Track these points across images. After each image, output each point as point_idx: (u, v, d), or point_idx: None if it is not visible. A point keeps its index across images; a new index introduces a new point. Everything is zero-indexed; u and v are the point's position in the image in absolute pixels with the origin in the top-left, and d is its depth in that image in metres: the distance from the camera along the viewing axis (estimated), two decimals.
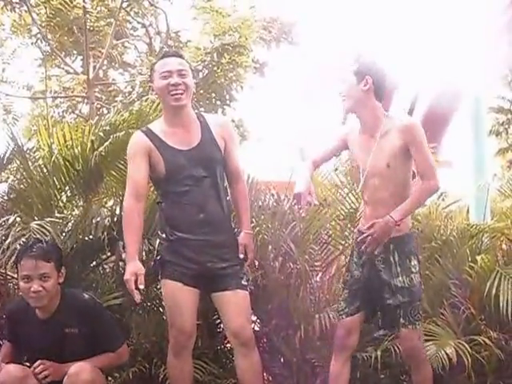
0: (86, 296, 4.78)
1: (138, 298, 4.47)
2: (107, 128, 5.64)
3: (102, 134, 5.58)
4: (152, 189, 5.14)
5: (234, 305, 4.66)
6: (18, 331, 4.75)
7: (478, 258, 5.38)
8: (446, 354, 4.85)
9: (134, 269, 4.49)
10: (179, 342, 4.67)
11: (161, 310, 5.67)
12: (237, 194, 4.89)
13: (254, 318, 5.49)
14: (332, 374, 4.77)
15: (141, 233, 4.68)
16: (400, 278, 4.57)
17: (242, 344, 4.71)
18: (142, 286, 4.51)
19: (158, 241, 4.88)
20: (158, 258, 4.73)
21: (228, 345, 5.70)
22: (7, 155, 5.89)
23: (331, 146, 4.96)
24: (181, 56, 4.84)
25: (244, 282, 4.69)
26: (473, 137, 13.20)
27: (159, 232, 4.82)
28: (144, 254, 5.43)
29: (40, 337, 4.61)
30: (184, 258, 4.63)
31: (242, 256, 4.69)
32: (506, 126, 27.11)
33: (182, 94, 4.62)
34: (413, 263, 4.62)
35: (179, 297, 4.64)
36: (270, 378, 5.48)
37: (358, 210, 5.64)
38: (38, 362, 4.54)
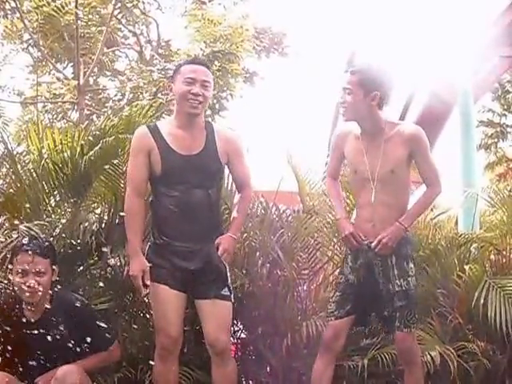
0: (75, 297, 4.78)
1: (144, 293, 4.64)
2: (97, 133, 5.63)
3: (91, 138, 5.56)
4: None
5: (211, 315, 4.68)
6: (2, 334, 4.66)
7: (467, 267, 5.38)
8: (431, 357, 4.83)
9: (140, 265, 4.60)
10: (165, 347, 4.67)
11: (147, 315, 5.65)
12: (238, 200, 4.98)
13: (240, 325, 5.50)
14: (315, 373, 4.80)
15: (143, 229, 4.77)
16: (397, 281, 4.62)
17: (216, 354, 4.73)
18: (148, 282, 4.57)
19: (148, 244, 4.88)
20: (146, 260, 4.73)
21: None
22: None
23: (336, 158, 5.00)
24: (208, 67, 4.89)
25: (225, 292, 4.70)
26: (462, 150, 13.25)
27: (150, 234, 4.86)
28: None
29: (29, 339, 4.58)
30: (171, 262, 4.67)
31: (220, 254, 4.69)
32: (496, 140, 27.18)
33: (199, 103, 4.69)
34: (410, 266, 4.69)
35: (166, 300, 4.65)
36: None
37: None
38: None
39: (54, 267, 4.66)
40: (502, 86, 24.76)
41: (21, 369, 4.61)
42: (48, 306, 4.64)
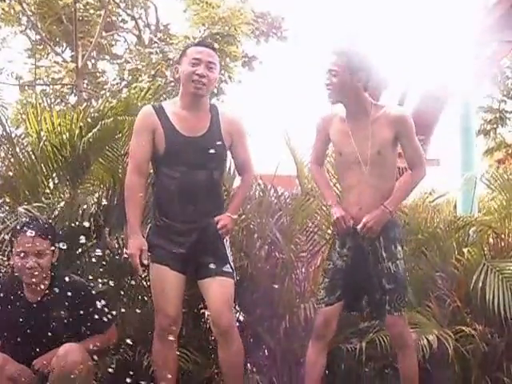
0: (75, 278, 4.79)
1: (141, 272, 4.64)
2: (95, 115, 5.62)
3: (90, 120, 5.55)
4: None
5: (213, 292, 4.68)
6: (1, 315, 4.69)
7: (465, 250, 5.38)
8: (428, 341, 4.84)
9: (138, 244, 4.60)
10: (164, 327, 4.68)
11: (145, 298, 5.66)
12: (240, 183, 5.04)
13: (238, 307, 5.49)
14: (308, 362, 4.82)
15: (142, 208, 4.77)
16: (386, 264, 4.62)
17: (221, 333, 4.73)
18: (145, 262, 4.58)
19: (149, 225, 4.89)
20: (146, 241, 4.72)
21: (212, 334, 5.72)
22: None
23: (322, 142, 4.98)
24: (215, 49, 4.89)
25: (226, 269, 4.70)
26: (461, 136, 13.25)
27: (152, 215, 4.86)
28: None
29: (28, 321, 4.59)
30: (171, 241, 4.67)
31: (219, 228, 4.69)
32: (495, 126, 27.13)
33: (203, 85, 4.69)
34: (398, 249, 4.69)
35: (165, 280, 4.66)
36: (254, 368, 5.46)
37: None
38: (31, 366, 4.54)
39: (54, 248, 4.66)
40: (502, 71, 24.70)
41: (19, 351, 4.61)
42: (48, 288, 4.63)
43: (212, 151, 4.69)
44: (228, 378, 4.81)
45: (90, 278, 5.29)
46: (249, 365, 5.45)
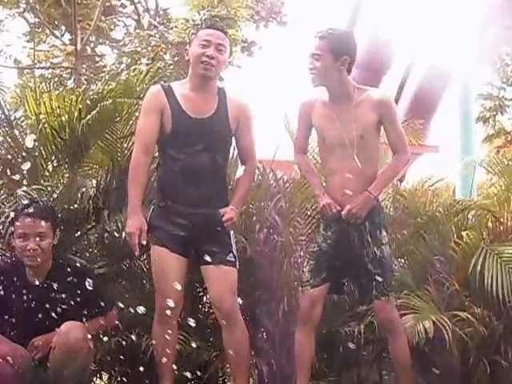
0: (77, 261, 4.78)
1: (138, 253, 4.61)
2: (94, 97, 5.61)
3: (89, 102, 5.54)
4: None
5: (217, 278, 4.70)
6: (2, 296, 4.68)
7: (464, 234, 5.38)
8: (424, 327, 4.84)
9: (138, 223, 4.60)
10: (163, 309, 4.67)
11: (144, 281, 5.67)
12: (242, 173, 5.00)
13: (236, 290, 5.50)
14: (297, 346, 4.86)
15: (145, 188, 4.77)
16: (371, 249, 4.65)
17: (223, 317, 4.75)
18: (144, 242, 4.58)
19: (151, 207, 4.90)
20: (148, 223, 4.73)
21: (211, 318, 5.73)
22: None
23: (304, 127, 4.99)
24: (225, 32, 4.89)
25: (230, 258, 4.72)
26: (461, 122, 13.22)
27: (156, 198, 4.87)
28: None
29: (31, 303, 4.59)
30: (173, 224, 4.67)
31: (224, 220, 4.70)
32: (494, 113, 27.08)
33: (212, 66, 4.68)
34: (383, 234, 4.73)
35: (166, 263, 4.67)
36: (252, 351, 5.46)
37: None
38: (30, 344, 4.54)
39: (55, 230, 4.66)
40: (501, 58, 24.62)
41: (21, 333, 4.62)
42: (50, 270, 4.64)
43: (217, 133, 4.72)
44: (234, 362, 4.83)
45: (89, 260, 5.33)
46: None
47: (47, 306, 4.56)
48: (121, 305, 5.02)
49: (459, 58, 13.39)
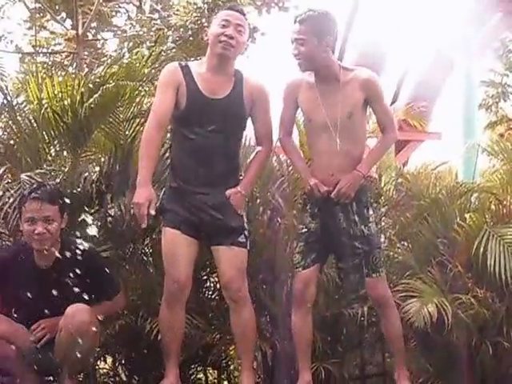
0: (85, 245, 4.76)
1: (145, 224, 4.53)
2: (97, 81, 5.59)
3: (91, 86, 5.53)
4: None
5: (227, 260, 4.71)
6: (9, 280, 4.70)
7: (467, 216, 5.37)
8: (428, 311, 4.85)
9: (147, 193, 4.56)
10: (172, 292, 4.70)
11: (147, 265, 5.70)
12: (254, 156, 4.99)
13: None
14: (294, 328, 4.89)
15: (156, 163, 4.74)
16: (358, 227, 4.69)
17: (231, 299, 4.78)
18: (152, 212, 4.54)
19: (163, 189, 4.93)
20: (160, 205, 4.76)
21: (215, 300, 5.75)
22: None
23: (290, 109, 4.97)
24: (244, 14, 4.86)
25: (241, 239, 4.73)
26: (463, 110, 13.22)
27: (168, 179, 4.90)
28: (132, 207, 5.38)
29: (38, 287, 4.59)
30: (184, 207, 4.68)
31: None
32: (497, 100, 26.99)
33: (231, 46, 4.67)
34: (370, 213, 4.77)
35: (176, 245, 4.68)
36: (256, 333, 5.48)
37: None
38: (35, 324, 4.57)
39: (63, 214, 4.66)
40: (504, 45, 24.53)
41: (30, 317, 4.65)
42: (58, 254, 4.63)
43: (231, 114, 4.72)
44: (240, 342, 4.88)
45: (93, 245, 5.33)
46: None
47: (55, 289, 4.56)
48: (124, 287, 5.06)
49: (462, 44, 13.40)
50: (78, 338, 4.37)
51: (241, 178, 4.89)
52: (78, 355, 4.44)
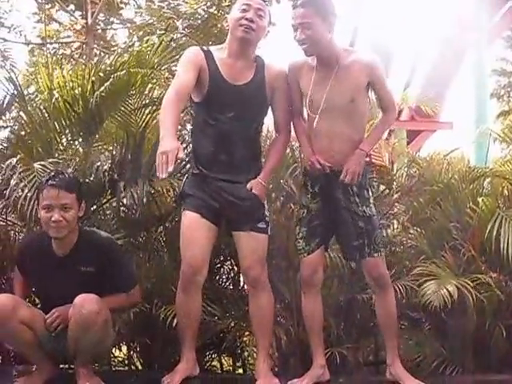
0: (104, 235, 4.78)
1: (167, 174, 4.15)
2: (107, 69, 5.61)
3: (102, 74, 5.54)
4: None
5: (247, 245, 4.73)
6: (31, 267, 4.74)
7: (480, 200, 5.37)
8: (448, 291, 4.84)
9: (175, 143, 4.21)
10: (187, 276, 4.69)
11: (161, 253, 5.72)
12: (272, 145, 5.01)
13: None
14: (306, 312, 4.88)
15: (177, 121, 4.57)
16: (360, 208, 4.68)
17: (250, 284, 4.83)
18: (181, 155, 4.24)
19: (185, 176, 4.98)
20: (181, 190, 4.83)
21: (229, 287, 5.76)
22: (7, 99, 5.86)
23: (295, 91, 4.88)
24: (265, 0, 4.81)
25: (261, 225, 4.74)
26: (475, 97, 13.19)
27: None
28: (144, 195, 5.40)
29: (56, 274, 4.61)
30: (205, 192, 4.69)
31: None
32: (508, 89, 26.92)
33: (252, 30, 4.63)
34: (369, 193, 4.76)
35: (195, 228, 4.68)
36: None
37: None
38: (50, 313, 4.58)
39: (80, 202, 4.64)
40: None
41: (47, 304, 4.68)
42: (76, 242, 4.65)
43: (252, 101, 4.70)
44: (257, 327, 4.87)
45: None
46: None
47: (70, 277, 4.57)
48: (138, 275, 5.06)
49: (473, 33, 13.36)
50: (86, 327, 4.38)
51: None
52: (89, 345, 4.48)
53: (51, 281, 4.61)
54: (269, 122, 5.17)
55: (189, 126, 5.38)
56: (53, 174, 4.67)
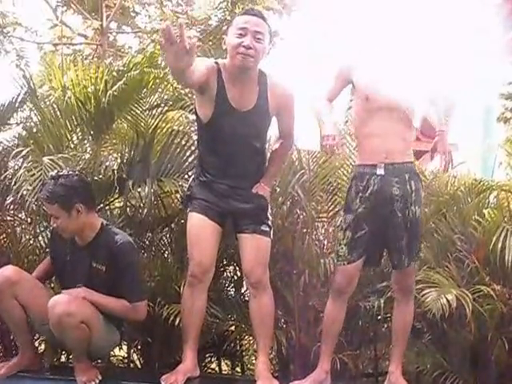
0: (124, 239, 4.74)
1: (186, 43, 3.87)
2: (121, 69, 5.66)
3: (115, 74, 5.58)
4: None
5: (249, 247, 4.77)
6: (56, 248, 4.90)
7: (485, 212, 5.38)
8: (447, 300, 4.84)
9: None
10: (195, 276, 4.74)
11: (166, 253, 5.76)
12: (275, 152, 5.03)
13: None
14: (328, 317, 4.85)
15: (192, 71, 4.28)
16: (413, 208, 4.63)
17: (251, 285, 4.84)
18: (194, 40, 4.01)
19: (191, 177, 5.03)
20: (188, 193, 4.87)
21: (231, 289, 5.78)
22: (20, 97, 5.89)
23: (337, 84, 4.91)
24: (263, 18, 4.67)
25: (264, 228, 4.78)
26: (482, 120, 13.20)
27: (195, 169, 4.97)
28: (153, 197, 5.47)
29: (71, 261, 4.76)
30: (210, 195, 4.75)
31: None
32: None
33: (251, 57, 4.52)
34: (422, 196, 4.74)
35: (201, 229, 4.73)
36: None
37: None
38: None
39: (68, 208, 4.61)
40: None
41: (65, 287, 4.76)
42: (95, 237, 4.74)
43: (256, 126, 4.74)
44: (258, 329, 4.89)
45: None
46: None
47: (82, 269, 4.70)
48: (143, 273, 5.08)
49: (480, 58, 13.38)
50: (60, 329, 4.47)
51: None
52: (71, 343, 4.61)
53: (66, 267, 4.78)
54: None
55: (194, 136, 5.39)
56: (41, 185, 4.83)
